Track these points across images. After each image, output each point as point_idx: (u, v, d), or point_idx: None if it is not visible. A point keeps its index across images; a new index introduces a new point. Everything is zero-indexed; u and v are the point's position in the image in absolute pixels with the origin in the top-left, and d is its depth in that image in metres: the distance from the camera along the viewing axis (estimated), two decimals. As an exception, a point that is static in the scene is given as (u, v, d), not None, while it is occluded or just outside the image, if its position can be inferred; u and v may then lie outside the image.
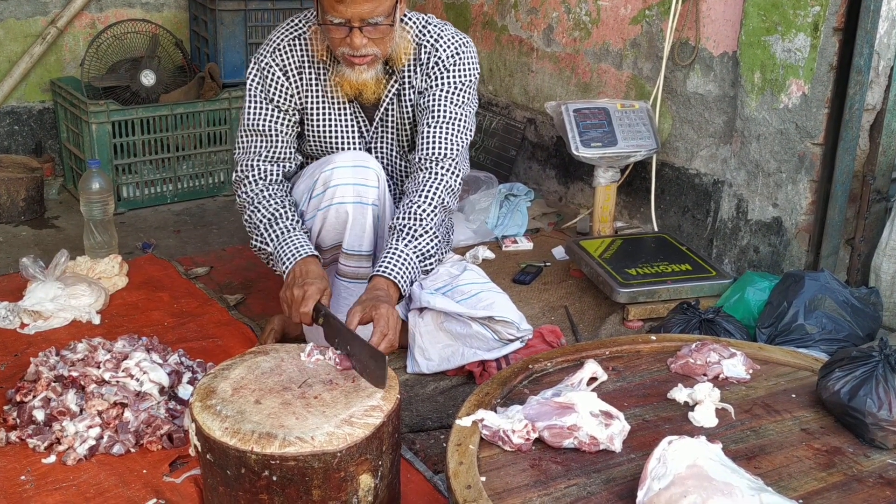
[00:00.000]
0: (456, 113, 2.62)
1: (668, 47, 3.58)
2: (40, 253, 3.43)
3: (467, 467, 1.75)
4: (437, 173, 2.55)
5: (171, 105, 4.14)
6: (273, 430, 1.79)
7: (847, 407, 1.94)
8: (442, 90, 2.62)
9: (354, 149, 2.71)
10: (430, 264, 2.55)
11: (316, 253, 2.46)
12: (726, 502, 1.56)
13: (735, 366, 2.17)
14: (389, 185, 2.77)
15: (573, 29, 4.11)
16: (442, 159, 2.57)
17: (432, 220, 2.50)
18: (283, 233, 2.49)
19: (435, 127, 2.59)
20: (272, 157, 2.65)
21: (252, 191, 2.60)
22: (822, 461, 1.86)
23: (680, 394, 2.06)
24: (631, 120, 3.61)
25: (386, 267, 2.37)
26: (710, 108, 3.50)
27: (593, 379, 2.11)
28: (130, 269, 3.33)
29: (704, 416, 1.98)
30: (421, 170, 2.58)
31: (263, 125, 2.65)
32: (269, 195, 2.58)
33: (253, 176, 2.62)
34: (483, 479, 1.74)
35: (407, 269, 2.40)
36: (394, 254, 2.41)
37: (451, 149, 2.59)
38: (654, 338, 2.35)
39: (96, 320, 2.94)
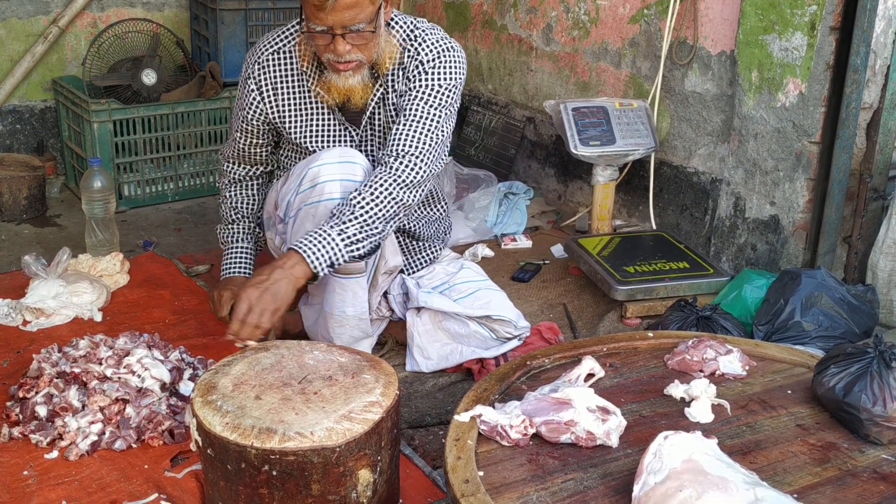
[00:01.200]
0: (429, 113, 2.56)
1: (666, 46, 3.60)
2: (42, 251, 3.45)
3: (465, 462, 1.77)
4: (391, 167, 2.49)
5: (172, 104, 4.16)
6: (273, 425, 1.80)
7: (842, 403, 1.96)
8: (418, 91, 2.58)
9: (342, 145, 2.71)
10: (357, 251, 2.42)
11: (234, 274, 2.83)
12: (721, 497, 1.57)
13: (731, 362, 2.19)
14: None
15: (572, 28, 4.13)
16: (402, 156, 2.51)
17: (365, 209, 2.41)
18: (227, 239, 2.92)
19: (403, 125, 2.55)
20: (243, 160, 2.88)
21: (225, 182, 2.94)
22: (817, 456, 1.87)
23: (676, 390, 2.08)
24: (629, 119, 3.62)
25: (301, 241, 2.36)
26: (708, 107, 3.51)
27: (591, 375, 2.12)
28: (132, 266, 3.35)
29: (700, 411, 2.00)
30: (379, 164, 2.54)
31: (241, 141, 2.82)
32: (233, 205, 2.91)
33: (229, 176, 2.92)
34: (481, 473, 1.75)
35: (324, 247, 2.35)
36: (316, 231, 2.38)
37: (415, 146, 2.53)
38: (651, 334, 2.37)
39: (98, 318, 2.96)
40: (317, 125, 2.69)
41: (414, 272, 2.86)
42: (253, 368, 2.02)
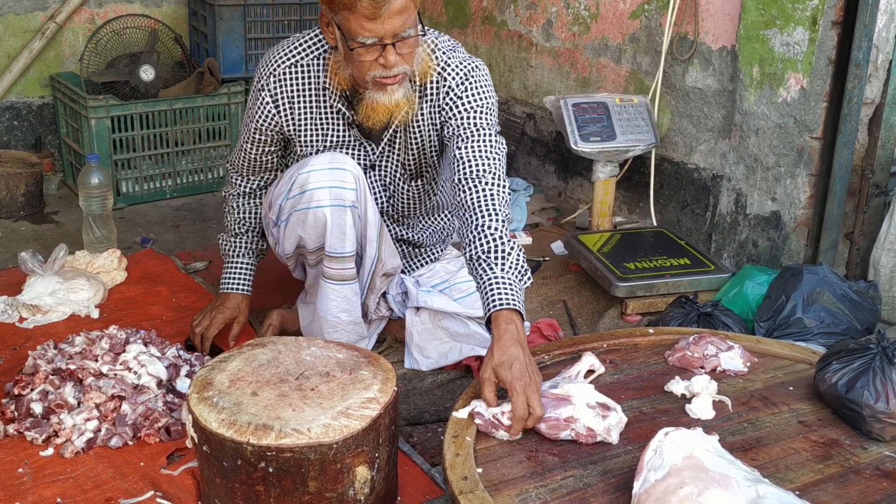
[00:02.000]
0: (482, 132, 2.43)
1: (666, 42, 3.58)
2: (39, 248, 3.43)
3: (464, 459, 1.76)
4: (485, 191, 2.32)
5: (170, 100, 4.14)
6: (269, 421, 1.79)
7: (844, 399, 1.94)
8: (462, 117, 2.44)
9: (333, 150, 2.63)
10: (528, 278, 2.25)
11: (239, 291, 2.81)
12: (723, 493, 1.56)
13: (733, 358, 2.18)
14: (388, 208, 2.71)
15: (572, 24, 4.11)
16: (484, 174, 2.35)
17: (507, 234, 2.26)
18: (228, 251, 2.85)
19: (465, 148, 2.40)
20: (253, 170, 2.78)
21: (232, 194, 2.85)
22: (820, 453, 1.86)
23: (677, 386, 2.07)
24: (630, 114, 3.61)
25: (500, 298, 2.09)
26: (709, 103, 3.49)
27: (591, 371, 2.11)
28: (129, 263, 3.33)
29: (701, 408, 1.99)
30: (466, 191, 2.33)
31: (245, 145, 2.71)
32: (237, 218, 2.84)
33: (236, 179, 2.82)
34: (479, 470, 1.74)
35: (516, 291, 2.13)
36: (498, 282, 2.13)
37: (489, 162, 2.37)
38: (651, 331, 2.36)
39: (95, 314, 2.94)
40: (332, 141, 2.59)
41: (413, 272, 2.84)
42: (249, 365, 2.00)
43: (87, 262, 3.20)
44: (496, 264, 2.17)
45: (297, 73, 2.52)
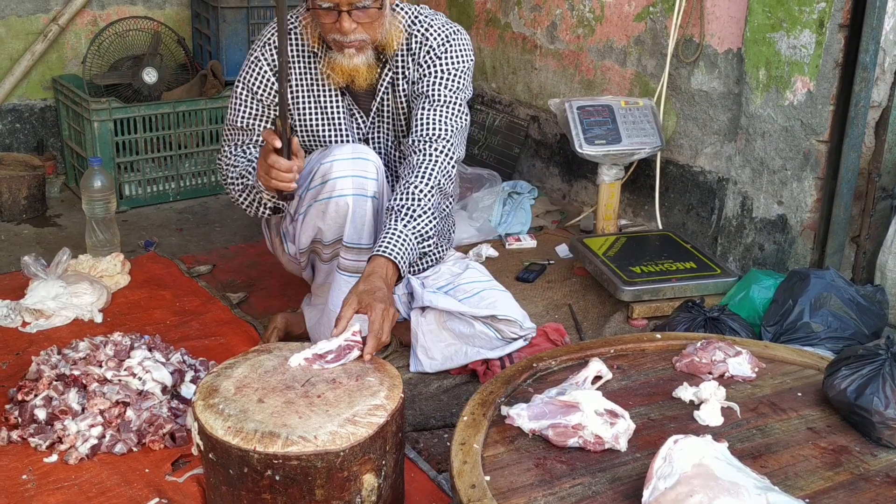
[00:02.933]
0: (448, 97, 2.62)
1: (672, 44, 3.57)
2: (42, 251, 3.42)
3: (471, 466, 1.74)
4: (430, 155, 2.53)
5: (173, 103, 4.13)
6: (276, 429, 1.77)
7: (854, 405, 1.93)
8: (434, 76, 2.62)
9: (350, 141, 2.70)
10: (427, 247, 2.47)
11: None
12: (733, 502, 1.54)
13: (740, 364, 2.16)
14: (388, 176, 2.75)
15: (577, 26, 4.10)
16: (435, 140, 2.56)
17: (429, 201, 2.46)
18: (253, 162, 2.64)
19: (428, 110, 2.59)
20: (253, 143, 2.74)
21: (230, 158, 2.71)
22: (829, 460, 1.84)
23: (685, 392, 2.05)
24: (635, 117, 3.59)
25: (386, 246, 2.32)
26: (715, 106, 3.48)
27: (598, 377, 2.09)
28: (133, 267, 3.32)
29: (710, 414, 1.97)
30: (415, 152, 2.56)
31: (244, 121, 2.71)
32: (245, 155, 2.70)
33: (232, 153, 2.73)
34: (487, 478, 1.72)
35: (406, 249, 2.35)
36: (392, 233, 2.35)
37: (445, 129, 2.58)
38: (658, 336, 2.34)
39: (98, 319, 2.93)
40: (326, 108, 2.69)
41: (420, 272, 2.84)
42: (255, 371, 1.99)
43: (91, 265, 3.19)
44: (401, 220, 2.39)
45: (289, 40, 2.62)
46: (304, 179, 2.56)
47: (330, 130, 2.70)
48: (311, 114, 2.69)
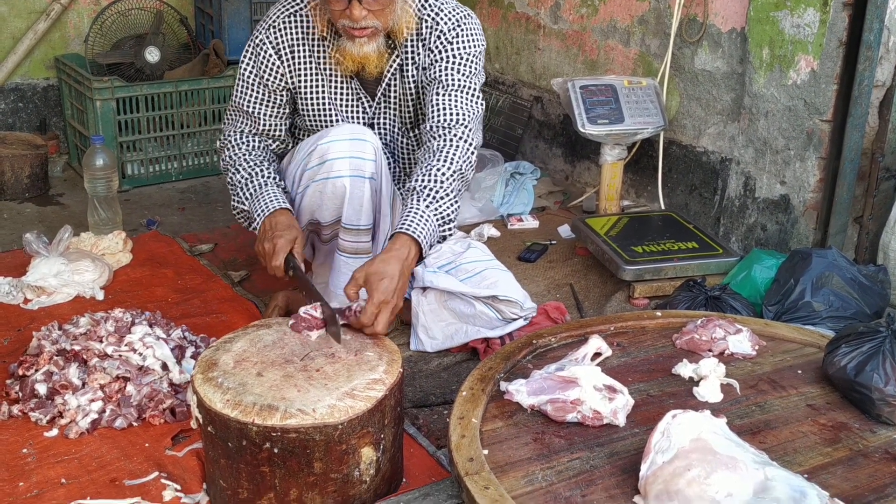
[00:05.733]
0: (463, 82, 2.58)
1: (675, 24, 3.55)
2: (44, 230, 3.41)
3: (469, 440, 1.75)
4: (451, 140, 2.50)
5: (175, 82, 4.12)
6: (274, 402, 1.78)
7: (853, 382, 1.93)
8: (448, 62, 2.58)
9: (352, 122, 2.69)
10: (448, 230, 2.47)
11: (286, 206, 2.49)
12: (730, 476, 1.55)
13: (741, 342, 2.16)
14: (390, 163, 2.74)
15: (580, 6, 4.08)
16: (454, 126, 2.52)
17: (451, 184, 2.45)
18: (256, 190, 2.55)
19: (444, 95, 2.55)
20: (256, 133, 2.71)
21: (235, 153, 2.66)
22: (828, 436, 1.85)
23: (685, 369, 2.05)
24: (638, 97, 3.58)
25: (409, 225, 2.31)
26: (718, 85, 3.46)
27: (597, 354, 2.10)
28: (134, 245, 3.32)
29: (709, 391, 1.97)
30: (434, 138, 2.53)
31: (250, 106, 2.68)
32: (248, 158, 2.64)
33: (236, 140, 2.69)
34: (485, 452, 1.73)
35: (428, 229, 2.34)
36: (415, 213, 2.35)
37: (464, 115, 2.54)
38: (659, 314, 2.34)
39: (100, 296, 2.93)
40: (332, 92, 2.66)
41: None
42: (255, 345, 1.99)
43: (92, 243, 3.19)
44: (423, 201, 2.38)
45: (294, 23, 2.61)
46: (302, 159, 2.55)
47: (338, 114, 2.68)
48: (317, 96, 2.67)
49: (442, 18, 2.60)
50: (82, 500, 1.95)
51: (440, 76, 2.58)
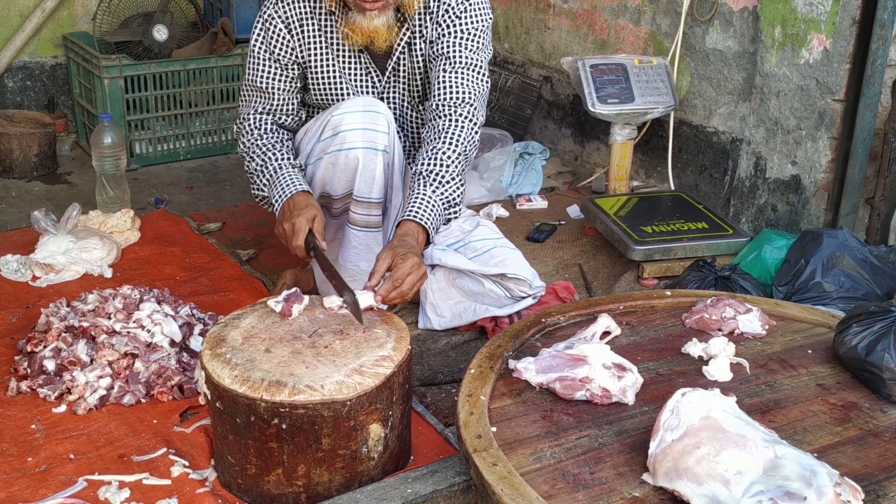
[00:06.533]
0: (470, 58, 2.58)
1: (686, 2, 3.52)
2: (53, 208, 3.41)
3: (478, 417, 1.74)
4: (456, 120, 2.52)
5: (183, 60, 4.10)
6: (283, 378, 1.77)
7: (864, 362, 1.92)
8: (455, 37, 2.57)
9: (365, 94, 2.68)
10: (454, 213, 2.51)
11: (304, 187, 2.47)
12: (740, 454, 1.54)
13: (751, 321, 2.15)
14: (400, 136, 2.73)
15: (591, -15, 4.05)
16: (460, 104, 2.53)
17: (457, 167, 2.47)
18: (272, 175, 2.54)
19: (451, 72, 2.55)
20: (270, 110, 2.69)
21: (249, 140, 2.65)
22: (838, 416, 1.83)
23: (694, 348, 2.04)
24: (648, 76, 3.55)
25: (416, 211, 2.35)
26: (730, 65, 3.44)
27: (606, 333, 2.08)
28: (143, 224, 3.32)
29: (719, 370, 1.96)
30: (440, 116, 2.54)
31: (263, 82, 2.66)
32: (263, 143, 2.63)
33: (249, 126, 2.67)
34: (494, 429, 1.72)
35: (435, 214, 2.38)
36: (422, 199, 2.38)
37: (470, 93, 2.55)
38: (668, 293, 2.33)
39: (108, 274, 2.93)
40: (342, 67, 2.65)
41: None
42: (263, 322, 1.98)
43: (101, 221, 3.19)
44: (429, 185, 2.41)
45: None
46: (316, 131, 2.54)
47: (347, 88, 2.67)
48: (327, 71, 2.65)
49: None
50: (90, 476, 1.95)
51: (447, 51, 2.57)
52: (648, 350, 2.07)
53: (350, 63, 2.65)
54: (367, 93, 2.68)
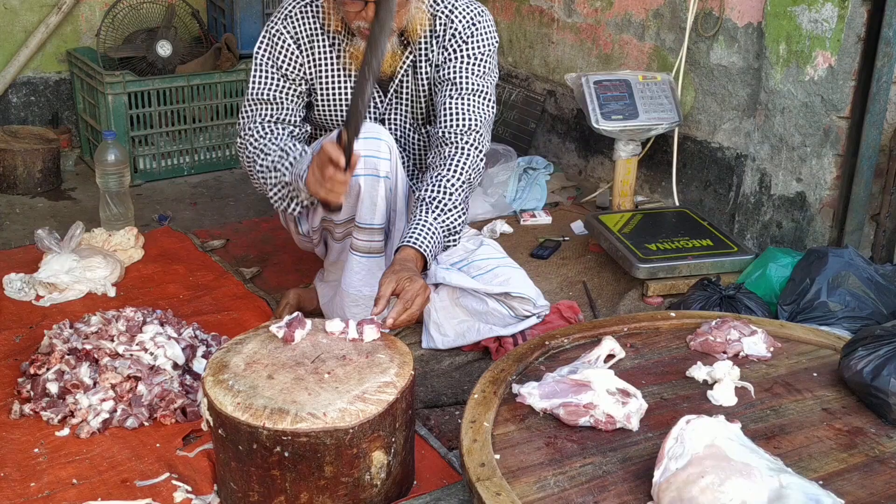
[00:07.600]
0: (477, 84, 2.59)
1: (691, 18, 3.51)
2: (56, 225, 3.42)
3: (481, 445, 1.73)
4: (462, 148, 2.54)
5: (187, 76, 4.11)
6: (285, 405, 1.77)
7: (870, 386, 1.91)
8: (461, 62, 2.58)
9: (366, 120, 2.67)
10: (453, 241, 2.53)
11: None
12: (745, 483, 1.53)
13: (756, 343, 2.14)
14: (402, 159, 2.73)
15: (594, -1, 4.05)
16: (466, 132, 2.55)
17: (460, 195, 2.49)
18: (296, 157, 2.49)
19: (457, 98, 2.57)
20: (278, 120, 2.65)
21: (257, 144, 2.59)
22: (844, 442, 1.82)
23: (699, 372, 2.03)
24: (653, 92, 3.55)
25: (416, 238, 2.36)
26: (734, 81, 3.43)
27: (611, 356, 2.08)
28: (146, 241, 3.31)
29: (724, 394, 1.95)
30: (446, 143, 2.55)
31: (270, 94, 2.63)
32: (275, 140, 2.58)
33: (256, 134, 2.61)
34: (497, 456, 1.72)
35: (434, 242, 2.39)
36: (423, 225, 2.39)
37: (476, 120, 2.57)
38: (673, 314, 2.32)
39: (111, 293, 2.93)
40: (345, 85, 2.65)
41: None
42: (266, 347, 1.98)
43: (104, 239, 3.19)
44: (431, 212, 2.43)
45: (311, 13, 2.60)
46: None
47: (347, 107, 2.66)
48: (331, 91, 2.65)
49: (456, 16, 2.59)
50: (93, 501, 1.95)
51: (453, 77, 2.58)
52: (653, 373, 2.06)
53: (352, 82, 2.64)
54: (368, 113, 2.67)
